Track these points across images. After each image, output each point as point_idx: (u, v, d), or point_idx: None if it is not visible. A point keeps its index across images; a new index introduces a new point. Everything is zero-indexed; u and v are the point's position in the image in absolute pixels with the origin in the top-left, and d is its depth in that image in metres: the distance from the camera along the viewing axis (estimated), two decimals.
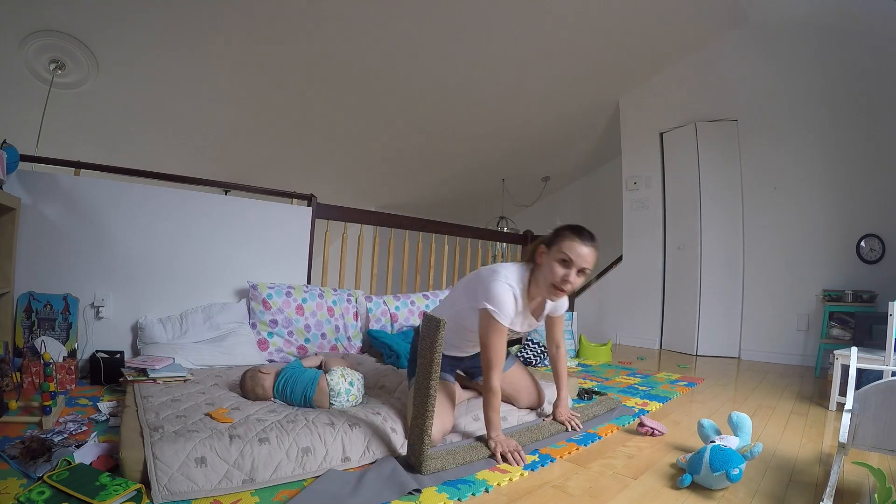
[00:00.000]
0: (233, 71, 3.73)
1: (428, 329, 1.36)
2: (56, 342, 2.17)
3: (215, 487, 1.17)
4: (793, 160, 4.05)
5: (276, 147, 4.79)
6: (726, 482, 1.31)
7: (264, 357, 2.59)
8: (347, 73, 3.97)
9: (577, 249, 1.48)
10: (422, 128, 4.97)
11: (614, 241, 5.43)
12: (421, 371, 1.37)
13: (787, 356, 3.96)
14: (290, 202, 3.13)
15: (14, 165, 2.13)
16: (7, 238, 2.12)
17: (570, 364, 3.42)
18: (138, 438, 1.29)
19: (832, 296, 3.60)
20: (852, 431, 1.25)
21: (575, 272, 1.49)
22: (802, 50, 3.99)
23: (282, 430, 1.35)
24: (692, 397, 2.57)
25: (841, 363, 2.33)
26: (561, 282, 1.49)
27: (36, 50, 3.12)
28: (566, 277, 1.48)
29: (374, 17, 3.47)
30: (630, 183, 5.05)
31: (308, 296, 2.80)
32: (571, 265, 1.48)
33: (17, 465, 1.21)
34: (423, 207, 6.68)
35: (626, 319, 4.97)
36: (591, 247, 1.50)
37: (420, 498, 1.20)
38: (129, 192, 2.54)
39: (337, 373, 1.72)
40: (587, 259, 1.49)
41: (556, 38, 4.01)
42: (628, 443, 1.73)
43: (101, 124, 3.90)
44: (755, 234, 4.23)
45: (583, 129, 5.66)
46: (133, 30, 3.17)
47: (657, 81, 4.93)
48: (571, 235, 1.50)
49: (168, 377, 1.97)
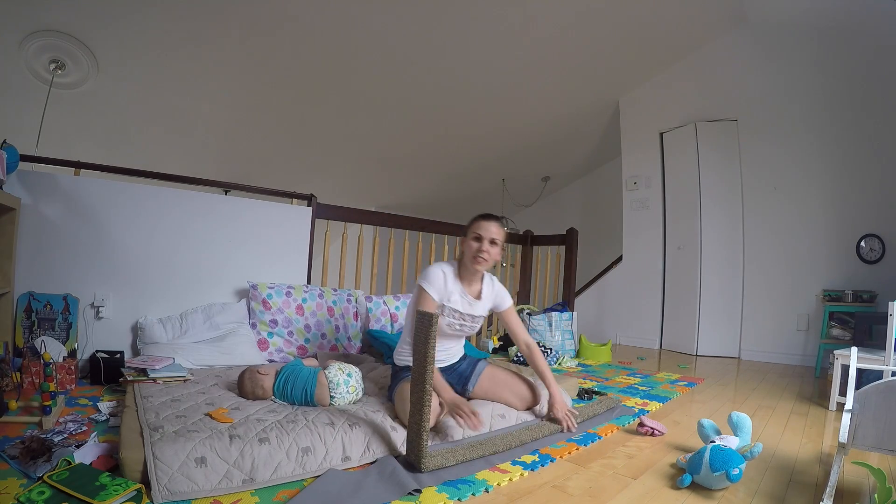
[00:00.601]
0: (233, 71, 3.73)
1: (421, 324, 1.36)
2: (56, 342, 2.17)
3: (215, 487, 1.17)
4: (793, 160, 4.05)
5: (276, 147, 4.79)
6: (726, 482, 1.31)
7: (264, 357, 2.59)
8: (348, 74, 3.97)
9: (484, 225, 1.79)
10: (422, 128, 4.97)
11: (614, 241, 5.43)
12: (416, 366, 1.38)
13: (787, 356, 3.96)
14: (290, 202, 3.13)
15: (14, 165, 2.13)
16: (7, 238, 2.12)
17: (570, 364, 3.42)
18: (138, 438, 1.29)
19: (832, 296, 3.60)
20: (852, 431, 1.25)
21: (487, 243, 1.77)
22: (802, 50, 3.99)
23: (282, 430, 1.35)
24: (692, 397, 2.57)
25: (841, 363, 2.33)
26: (477, 251, 1.77)
27: (36, 50, 3.12)
28: (480, 248, 1.77)
29: (374, 17, 3.47)
30: (630, 183, 5.05)
31: (308, 296, 2.80)
32: (482, 239, 1.78)
33: (17, 465, 1.21)
34: (423, 207, 6.68)
35: (626, 319, 4.97)
36: (494, 222, 1.81)
37: (420, 498, 1.20)
38: (128, 192, 2.54)
39: (334, 367, 1.74)
40: (492, 231, 1.79)
41: (556, 38, 4.01)
42: (628, 443, 1.74)
43: (101, 124, 3.90)
44: (755, 234, 4.23)
45: (583, 129, 5.66)
46: (133, 30, 3.17)
47: (657, 81, 4.93)
48: (479, 217, 1.84)
49: (168, 377, 1.97)
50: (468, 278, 1.85)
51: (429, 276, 1.77)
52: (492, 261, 1.79)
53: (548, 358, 3.32)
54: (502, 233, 1.82)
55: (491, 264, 1.81)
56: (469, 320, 1.85)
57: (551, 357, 3.34)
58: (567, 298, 4.37)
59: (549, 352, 3.37)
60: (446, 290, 1.78)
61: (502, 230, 1.83)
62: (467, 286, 1.85)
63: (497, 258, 1.82)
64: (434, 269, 1.80)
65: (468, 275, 1.84)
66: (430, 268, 1.81)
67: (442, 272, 1.79)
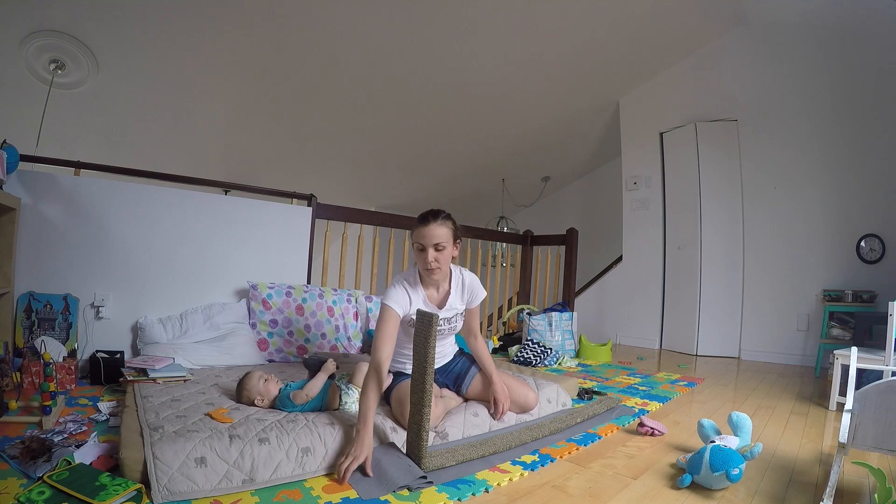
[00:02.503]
0: (233, 71, 3.73)
1: (421, 325, 1.36)
2: (56, 342, 2.17)
3: (215, 487, 1.17)
4: (793, 160, 4.05)
5: (276, 147, 4.79)
6: (726, 482, 1.31)
7: (264, 357, 2.59)
8: (348, 73, 3.97)
9: (422, 232, 1.61)
10: (422, 127, 4.97)
11: (614, 241, 5.44)
12: (416, 367, 1.38)
13: (787, 356, 3.96)
14: (290, 202, 3.13)
15: (14, 165, 2.13)
16: (7, 238, 2.13)
17: (570, 364, 3.42)
18: (138, 438, 1.29)
19: (832, 296, 3.60)
20: (852, 431, 1.25)
21: (432, 251, 1.60)
22: (802, 50, 3.99)
23: (282, 430, 1.35)
24: (692, 397, 2.57)
25: (841, 363, 2.33)
26: (425, 263, 1.61)
27: (36, 50, 3.12)
28: (426, 259, 1.60)
29: (374, 17, 3.47)
30: (630, 183, 5.05)
31: (308, 296, 2.80)
32: (425, 248, 1.60)
33: (17, 465, 1.21)
34: (424, 207, 6.49)
35: (626, 319, 4.97)
36: (433, 224, 1.61)
37: (420, 498, 1.20)
38: (128, 192, 2.54)
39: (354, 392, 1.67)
40: (433, 235, 1.59)
41: (556, 39, 4.01)
42: (628, 443, 1.74)
43: (101, 124, 3.90)
44: (755, 234, 4.23)
45: (583, 129, 5.66)
46: (133, 30, 3.17)
47: (657, 81, 4.93)
48: (417, 223, 1.64)
49: (168, 377, 1.97)
50: (431, 284, 1.72)
51: (389, 295, 1.61)
52: (445, 265, 1.65)
53: (548, 358, 3.32)
54: (446, 231, 1.62)
55: (446, 271, 1.68)
56: (444, 323, 1.74)
57: (551, 357, 3.34)
58: (567, 298, 4.38)
59: (549, 352, 3.37)
60: (410, 303, 1.63)
61: (445, 227, 1.62)
62: (433, 292, 1.73)
63: (448, 260, 1.66)
64: (394, 286, 1.64)
65: (429, 281, 1.70)
66: (390, 286, 1.66)
67: (403, 287, 1.64)
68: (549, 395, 2.02)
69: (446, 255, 1.63)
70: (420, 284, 1.70)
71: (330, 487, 1.24)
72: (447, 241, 1.62)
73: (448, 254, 1.64)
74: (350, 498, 1.19)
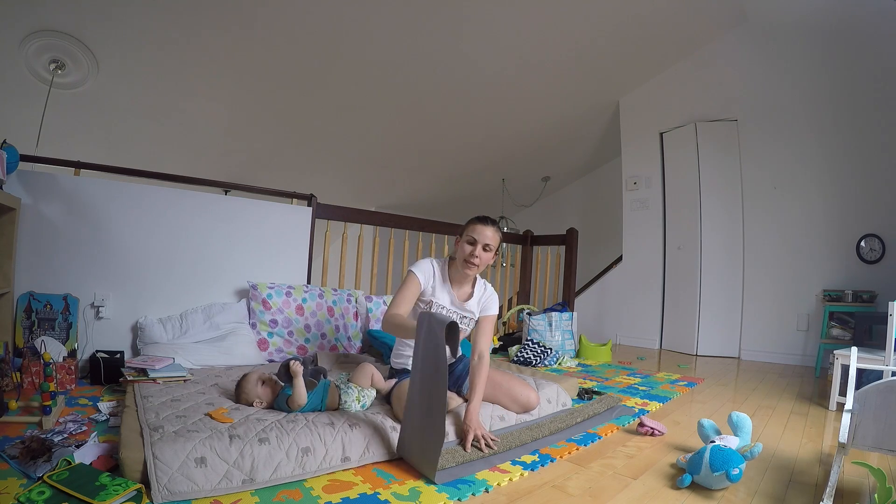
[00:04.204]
0: (233, 70, 3.73)
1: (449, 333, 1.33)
2: (56, 342, 2.17)
3: (215, 487, 1.17)
4: (793, 160, 4.05)
5: (276, 147, 4.79)
6: (726, 482, 1.31)
7: (264, 357, 2.59)
8: (348, 73, 3.97)
9: (479, 229, 1.77)
10: (423, 127, 4.97)
11: (614, 241, 5.43)
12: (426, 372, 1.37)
13: (787, 356, 3.96)
14: (290, 202, 3.13)
15: (14, 165, 2.13)
16: (7, 238, 2.12)
17: (570, 364, 3.42)
18: (138, 438, 1.29)
19: (832, 296, 3.60)
20: (852, 431, 1.25)
21: (480, 248, 1.75)
22: (802, 50, 3.99)
23: (282, 430, 1.35)
24: (692, 397, 2.57)
25: (841, 363, 2.33)
26: (469, 255, 1.76)
27: (36, 50, 3.12)
28: (473, 252, 1.75)
29: (374, 17, 3.47)
30: (630, 183, 5.05)
31: (308, 296, 2.80)
32: (476, 243, 1.76)
33: (17, 465, 1.21)
34: (423, 207, 6.68)
35: (626, 319, 4.97)
36: (491, 227, 1.78)
37: (420, 498, 1.20)
38: (128, 192, 2.54)
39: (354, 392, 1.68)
40: (488, 236, 1.76)
41: (556, 39, 4.01)
42: (628, 443, 1.73)
43: (101, 124, 3.90)
44: (755, 233, 4.23)
45: (583, 129, 5.66)
46: (133, 30, 3.17)
47: (657, 81, 4.93)
48: (476, 221, 1.81)
49: (168, 377, 1.97)
50: (458, 279, 1.83)
51: (418, 263, 1.81)
52: (482, 266, 1.78)
53: (548, 358, 3.32)
54: (497, 238, 1.80)
55: (481, 270, 1.81)
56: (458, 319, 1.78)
57: (551, 357, 3.34)
58: (567, 298, 4.38)
59: (549, 352, 3.37)
60: (434, 280, 1.79)
61: (498, 235, 1.80)
62: (457, 287, 1.84)
63: (488, 263, 1.80)
64: (425, 260, 1.83)
65: (458, 276, 1.82)
66: (421, 260, 1.85)
67: (432, 266, 1.82)
68: (549, 395, 2.02)
69: (486, 258, 1.78)
70: (447, 276, 1.83)
71: (330, 487, 1.24)
72: (494, 246, 1.78)
73: (489, 257, 1.79)
74: (350, 498, 1.19)
